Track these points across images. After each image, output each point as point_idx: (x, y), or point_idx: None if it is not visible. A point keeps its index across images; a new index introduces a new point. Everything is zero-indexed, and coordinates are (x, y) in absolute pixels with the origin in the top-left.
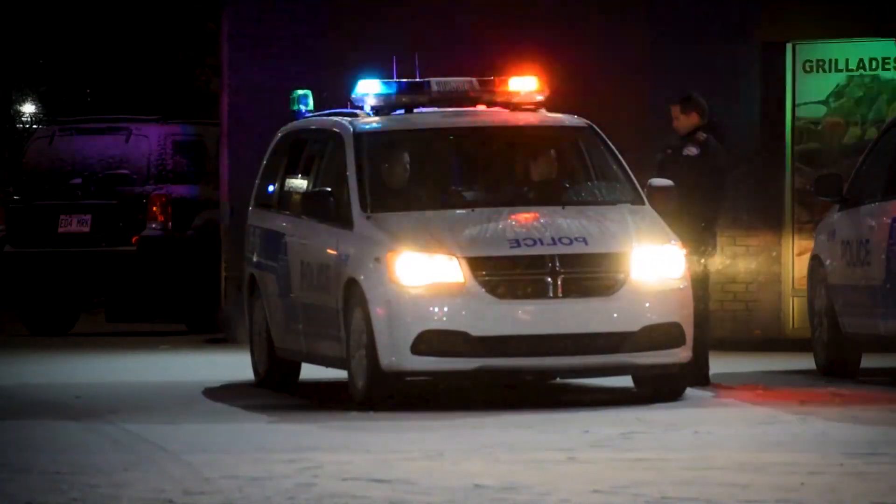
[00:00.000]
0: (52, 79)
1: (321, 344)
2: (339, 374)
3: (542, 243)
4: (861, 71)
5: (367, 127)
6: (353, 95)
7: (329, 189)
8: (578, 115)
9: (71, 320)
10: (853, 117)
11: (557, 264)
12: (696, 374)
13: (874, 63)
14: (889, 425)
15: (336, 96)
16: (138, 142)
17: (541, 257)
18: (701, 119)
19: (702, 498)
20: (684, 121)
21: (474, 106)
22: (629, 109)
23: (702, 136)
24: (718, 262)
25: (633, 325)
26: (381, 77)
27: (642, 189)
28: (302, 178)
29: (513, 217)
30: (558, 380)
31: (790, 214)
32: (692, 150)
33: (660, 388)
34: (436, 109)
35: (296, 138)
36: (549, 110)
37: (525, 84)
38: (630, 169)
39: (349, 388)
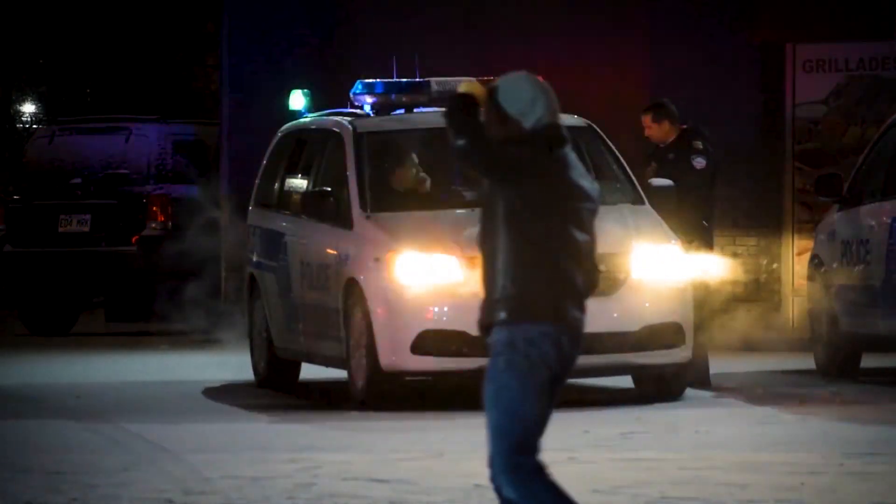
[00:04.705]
0: (52, 79)
1: (321, 344)
2: (339, 374)
3: None
4: (861, 71)
5: (367, 127)
6: (353, 95)
7: (329, 189)
8: (578, 115)
9: (71, 320)
10: (853, 117)
11: None
12: (696, 375)
13: (874, 63)
14: (889, 425)
15: (336, 96)
16: (138, 142)
17: None
18: (673, 126)
19: (701, 497)
20: (657, 130)
21: None
22: (629, 109)
23: (698, 145)
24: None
25: (633, 325)
26: (381, 77)
27: (642, 189)
28: (302, 177)
29: None
30: None
31: (790, 214)
32: (700, 162)
33: (660, 388)
34: (436, 109)
35: (296, 138)
36: None
37: None
38: (630, 169)
39: (349, 388)
